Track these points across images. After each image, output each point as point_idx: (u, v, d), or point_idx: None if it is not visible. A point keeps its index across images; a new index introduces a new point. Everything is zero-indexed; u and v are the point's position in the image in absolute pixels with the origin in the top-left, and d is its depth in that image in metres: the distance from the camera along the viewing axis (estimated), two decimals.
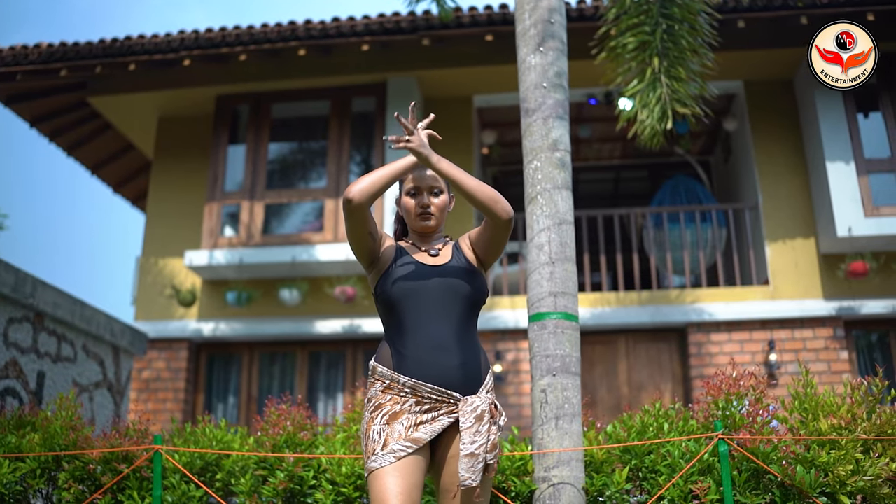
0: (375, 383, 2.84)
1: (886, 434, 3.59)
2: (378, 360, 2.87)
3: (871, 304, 9.04)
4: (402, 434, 2.71)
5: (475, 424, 2.72)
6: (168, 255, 10.25)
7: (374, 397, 2.83)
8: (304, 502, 3.89)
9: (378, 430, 2.72)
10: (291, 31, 9.24)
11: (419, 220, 3.00)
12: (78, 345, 7.10)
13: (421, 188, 2.98)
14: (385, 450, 2.67)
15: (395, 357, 2.82)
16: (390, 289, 2.86)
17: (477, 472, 2.68)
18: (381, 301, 2.89)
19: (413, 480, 2.66)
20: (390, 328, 2.88)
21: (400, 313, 2.84)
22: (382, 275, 2.92)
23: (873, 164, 9.16)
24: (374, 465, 2.67)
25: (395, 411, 2.76)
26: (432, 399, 2.77)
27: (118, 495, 4.00)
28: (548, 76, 4.24)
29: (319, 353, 10.02)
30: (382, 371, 2.82)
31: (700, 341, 9.17)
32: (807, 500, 3.47)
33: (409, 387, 2.76)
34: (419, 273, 2.89)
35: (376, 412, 2.78)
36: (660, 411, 3.93)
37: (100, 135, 11.34)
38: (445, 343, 2.81)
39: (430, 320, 2.82)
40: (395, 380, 2.78)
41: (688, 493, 3.54)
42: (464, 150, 10.23)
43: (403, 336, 2.82)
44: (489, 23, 9.05)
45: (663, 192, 10.91)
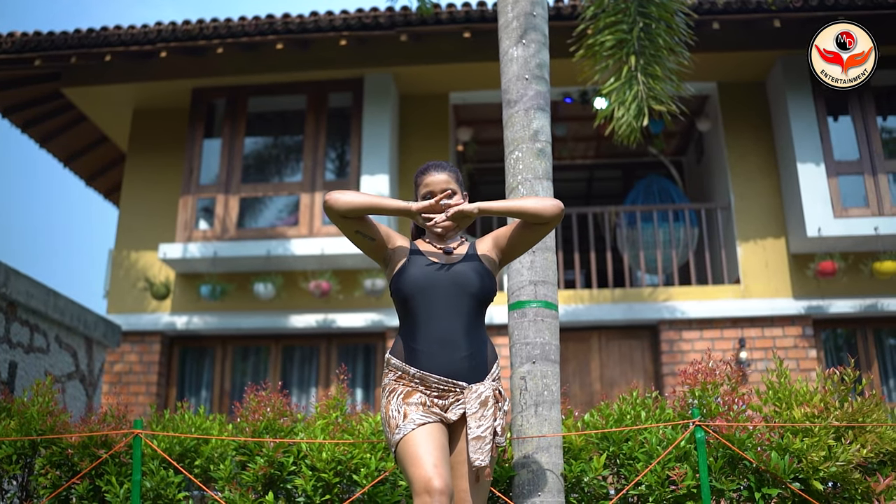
0: (389, 373, 3.02)
1: (857, 422, 3.67)
2: (392, 352, 3.04)
3: (839, 303, 9.19)
4: (418, 407, 2.88)
5: (480, 409, 2.90)
6: (142, 247, 10.19)
7: (388, 385, 3.01)
8: (284, 488, 3.90)
9: (396, 408, 2.89)
10: (269, 25, 9.22)
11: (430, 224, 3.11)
12: (51, 336, 7.04)
13: (435, 192, 3.12)
14: (406, 420, 2.83)
15: (406, 350, 2.99)
16: (403, 285, 3.01)
17: (485, 452, 2.85)
18: (395, 296, 3.04)
19: (440, 440, 2.82)
20: (404, 323, 3.05)
21: (412, 308, 2.99)
22: (397, 272, 3.06)
23: (842, 167, 9.32)
24: (398, 435, 2.82)
25: (409, 391, 2.94)
26: (440, 388, 2.94)
27: (96, 481, 3.99)
28: (529, 68, 4.28)
29: (293, 347, 10.01)
30: (395, 363, 3.01)
31: (672, 339, 9.27)
32: (781, 485, 3.54)
33: (419, 378, 2.95)
34: (431, 271, 3.04)
35: (392, 395, 2.95)
36: (637, 400, 3.99)
37: (73, 127, 11.25)
38: (453, 337, 2.97)
39: (440, 316, 2.98)
40: (406, 371, 2.97)
41: (665, 479, 3.59)
42: (439, 147, 10.26)
43: (415, 330, 2.98)
44: (467, 20, 9.09)
45: (636, 191, 11.02)
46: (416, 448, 2.75)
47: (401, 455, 2.80)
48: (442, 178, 3.13)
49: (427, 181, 3.14)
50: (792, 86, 9.48)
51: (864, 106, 9.50)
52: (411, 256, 3.09)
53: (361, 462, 3.81)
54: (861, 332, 9.44)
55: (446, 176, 3.14)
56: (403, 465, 2.78)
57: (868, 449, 3.56)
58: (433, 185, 3.12)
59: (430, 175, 3.14)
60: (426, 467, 2.69)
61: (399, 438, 2.81)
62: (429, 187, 3.13)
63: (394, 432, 2.84)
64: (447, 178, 3.14)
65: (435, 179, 3.13)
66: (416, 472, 2.69)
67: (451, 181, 3.14)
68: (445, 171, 3.17)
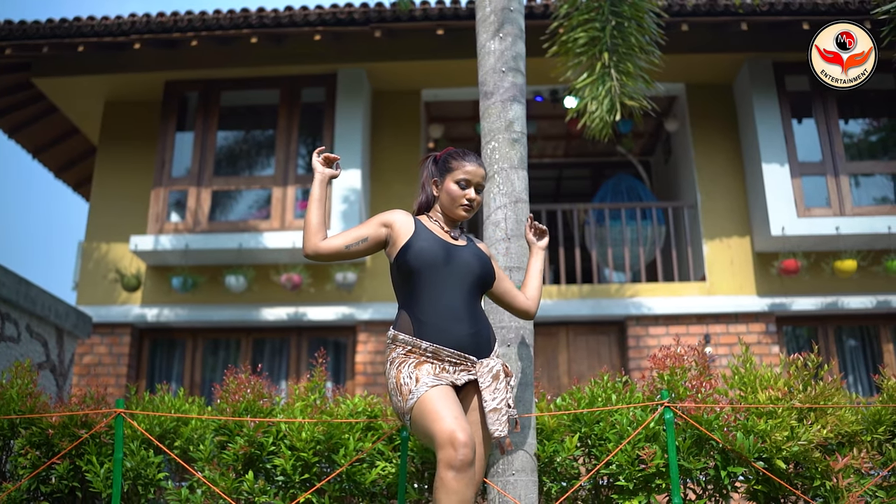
0: (397, 348, 3.04)
1: (819, 404, 3.82)
2: (398, 328, 3.06)
3: (801, 300, 9.41)
4: (429, 373, 2.93)
5: (493, 383, 3.00)
6: (112, 239, 10.16)
7: (396, 358, 3.02)
8: (264, 467, 3.97)
9: (408, 374, 2.94)
10: (244, 19, 9.26)
11: (461, 209, 3.21)
12: (22, 325, 7.02)
13: (471, 182, 3.20)
14: (419, 384, 2.88)
15: (414, 324, 3.03)
16: (413, 258, 3.05)
17: (503, 423, 2.95)
18: (403, 269, 3.08)
19: (456, 399, 2.88)
20: (408, 297, 3.08)
21: (419, 282, 3.05)
22: (404, 246, 3.09)
23: (806, 168, 9.54)
24: (412, 399, 2.86)
25: (419, 362, 2.98)
26: (451, 361, 3.01)
27: (76, 461, 4.03)
28: (506, 60, 4.40)
29: (264, 340, 10.04)
30: (404, 338, 3.03)
31: (638, 334, 9.43)
32: (746, 464, 3.68)
33: (431, 351, 3.00)
34: (441, 248, 3.11)
35: (402, 366, 2.98)
36: (608, 384, 4.11)
37: (43, 118, 11.18)
38: (460, 313, 3.05)
39: (447, 291, 3.05)
40: (417, 345, 3.00)
41: (635, 459, 3.71)
42: (411, 143, 10.36)
43: (422, 304, 3.04)
44: (440, 17, 9.19)
45: (605, 189, 11.18)
46: (433, 404, 2.80)
47: (418, 415, 2.83)
48: (481, 173, 3.24)
49: (468, 169, 3.20)
50: (758, 88, 9.69)
51: (828, 109, 9.74)
52: (418, 231, 3.15)
53: (340, 442, 3.89)
54: (822, 329, 9.67)
55: (484, 172, 3.25)
56: (423, 423, 2.80)
57: (828, 430, 3.71)
58: (473, 175, 3.21)
59: (472, 164, 3.22)
60: (448, 420, 2.73)
61: (414, 401, 2.85)
62: (468, 175, 3.20)
63: (407, 398, 2.88)
64: (484, 175, 3.25)
65: (477, 171, 3.22)
66: (438, 426, 2.73)
67: (485, 177, 3.26)
68: (483, 166, 3.27)
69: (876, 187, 9.83)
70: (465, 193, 3.20)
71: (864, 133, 10.30)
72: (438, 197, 3.28)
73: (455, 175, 3.21)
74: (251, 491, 3.82)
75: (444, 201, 3.24)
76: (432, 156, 3.38)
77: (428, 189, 3.33)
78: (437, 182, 3.28)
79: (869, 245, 9.33)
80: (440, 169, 3.28)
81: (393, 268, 3.16)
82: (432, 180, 3.30)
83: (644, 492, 3.72)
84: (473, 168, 3.21)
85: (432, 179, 3.31)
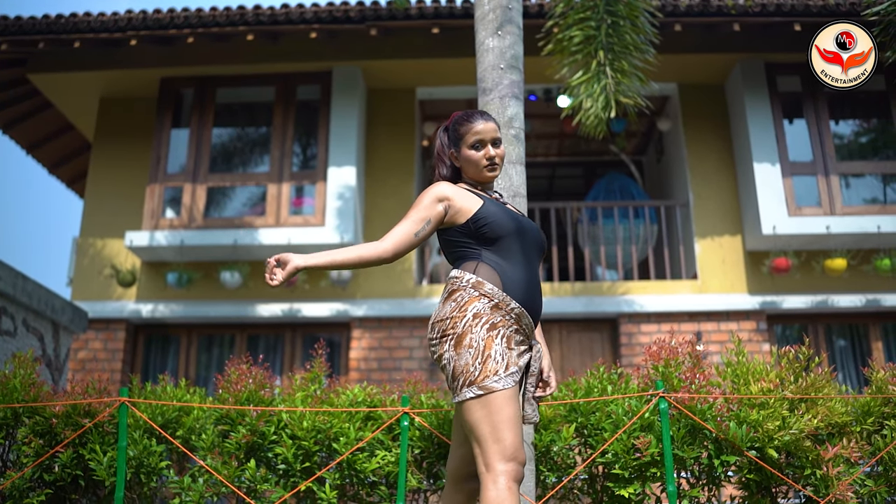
0: (482, 298, 2.80)
1: (810, 395, 3.90)
2: (481, 276, 2.84)
3: (792, 299, 9.50)
4: (515, 361, 2.77)
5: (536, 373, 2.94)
6: (107, 235, 10.19)
7: (483, 313, 2.78)
8: (265, 456, 4.03)
9: (501, 352, 2.73)
10: (240, 16, 9.30)
11: (486, 171, 3.04)
12: (18, 319, 7.05)
13: (485, 140, 3.01)
14: (507, 372, 2.71)
15: (502, 278, 2.83)
16: (496, 224, 2.88)
17: (535, 410, 2.94)
18: (487, 229, 2.88)
19: None
20: (492, 252, 2.88)
21: (506, 245, 2.88)
22: (479, 212, 2.90)
23: (797, 167, 9.64)
24: (497, 384, 2.67)
25: (508, 335, 2.78)
26: (525, 334, 2.86)
27: (79, 450, 4.08)
28: (505, 58, 4.47)
29: (258, 336, 10.09)
30: (491, 289, 2.81)
31: (631, 332, 9.52)
32: (738, 453, 3.76)
33: (517, 314, 2.81)
34: (515, 216, 2.97)
35: (494, 331, 2.76)
36: (603, 375, 4.19)
37: (38, 113, 11.19)
38: (536, 284, 2.93)
39: (528, 260, 2.92)
40: (505, 302, 2.81)
41: (630, 448, 3.79)
42: (405, 142, 10.41)
43: (510, 264, 2.86)
44: (436, 16, 9.26)
45: (598, 188, 11.26)
46: (512, 409, 2.66)
47: (495, 408, 2.65)
48: (492, 127, 3.03)
49: (478, 129, 3.01)
50: (750, 89, 9.79)
51: (819, 110, 9.84)
52: (483, 198, 2.98)
53: (340, 431, 3.95)
54: (812, 328, 9.77)
55: (494, 125, 3.04)
56: (495, 421, 2.64)
57: (819, 420, 3.80)
58: (485, 133, 3.01)
59: (480, 122, 3.02)
60: (519, 433, 2.63)
61: (497, 388, 2.67)
62: (480, 135, 3.00)
63: (489, 376, 2.69)
64: (495, 127, 3.04)
65: (487, 128, 3.02)
66: (512, 437, 2.62)
67: (497, 129, 3.05)
68: (492, 119, 3.07)
69: (866, 187, 9.93)
70: (485, 153, 3.02)
71: (854, 134, 10.41)
72: (461, 168, 3.10)
73: (467, 140, 3.02)
74: (253, 479, 3.89)
75: (467, 170, 3.07)
76: (443, 126, 3.18)
77: (446, 163, 3.13)
78: (455, 153, 3.09)
79: (859, 244, 9.43)
80: (452, 139, 3.10)
81: (454, 232, 2.95)
82: (449, 152, 3.12)
83: (639, 480, 3.80)
84: (483, 125, 3.01)
85: (449, 152, 3.12)
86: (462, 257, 2.92)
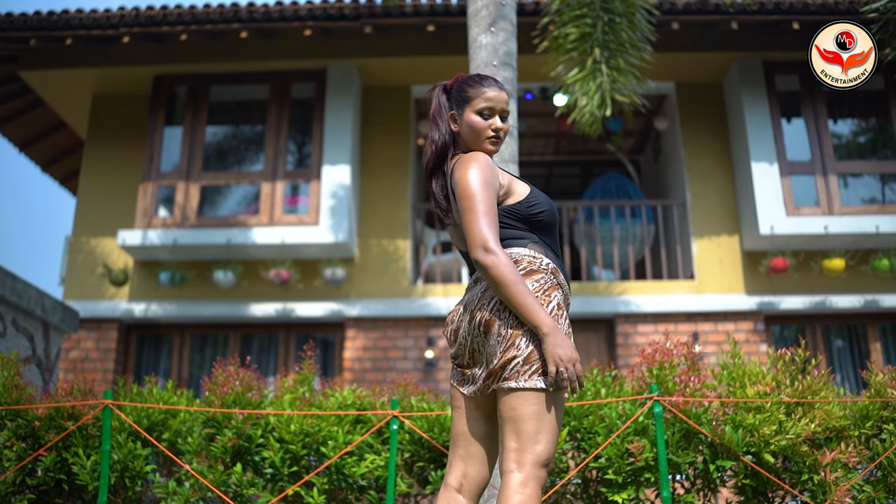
0: (559, 288, 2.60)
1: (806, 399, 3.83)
2: (539, 251, 2.63)
3: (789, 299, 9.44)
4: None
5: None
6: (100, 234, 10.11)
7: (562, 305, 2.58)
8: (252, 460, 3.96)
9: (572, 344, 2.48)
10: (234, 13, 9.22)
11: (488, 143, 2.73)
12: (8, 319, 6.98)
13: (495, 110, 2.73)
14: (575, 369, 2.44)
15: (551, 258, 2.64)
16: (552, 209, 2.70)
17: None
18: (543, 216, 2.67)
19: None
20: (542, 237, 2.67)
21: (551, 234, 2.68)
22: (532, 194, 2.70)
23: (795, 167, 9.58)
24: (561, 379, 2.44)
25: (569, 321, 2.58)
26: None
27: (63, 453, 4.00)
28: (498, 55, 4.40)
29: (252, 335, 10.01)
30: (563, 280, 2.63)
31: (627, 332, 9.45)
32: (734, 458, 3.69)
33: (564, 294, 2.63)
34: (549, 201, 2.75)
35: (561, 312, 2.55)
36: (597, 377, 4.12)
37: (30, 111, 11.10)
38: None
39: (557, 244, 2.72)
40: (561, 282, 2.63)
41: (624, 452, 3.72)
42: (400, 140, 10.34)
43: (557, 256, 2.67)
44: (431, 13, 9.18)
45: (594, 187, 11.19)
46: (560, 415, 2.48)
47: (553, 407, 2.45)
48: (504, 98, 2.76)
49: (490, 95, 2.72)
50: (748, 88, 9.72)
51: (817, 109, 9.77)
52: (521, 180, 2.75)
53: (329, 434, 3.88)
54: (810, 328, 9.70)
55: (507, 96, 2.77)
56: (546, 420, 2.44)
57: (816, 424, 3.73)
58: (496, 101, 2.73)
59: (493, 89, 2.74)
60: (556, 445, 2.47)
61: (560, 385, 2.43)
62: (490, 103, 2.71)
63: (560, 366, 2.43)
64: (507, 99, 2.77)
65: (500, 96, 2.74)
66: (553, 443, 2.44)
67: (508, 102, 2.79)
68: (504, 89, 2.79)
69: (864, 187, 9.87)
70: (491, 123, 2.72)
71: (852, 133, 10.34)
72: (458, 133, 2.77)
73: (475, 105, 2.72)
74: (239, 483, 3.81)
75: (467, 138, 2.75)
76: (441, 85, 2.86)
77: (443, 126, 2.77)
78: (456, 115, 2.76)
79: (857, 244, 9.37)
80: (455, 100, 2.77)
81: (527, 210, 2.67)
82: (449, 114, 2.78)
83: (633, 485, 3.72)
84: (495, 93, 2.72)
85: (449, 113, 2.78)
86: (511, 237, 2.64)
